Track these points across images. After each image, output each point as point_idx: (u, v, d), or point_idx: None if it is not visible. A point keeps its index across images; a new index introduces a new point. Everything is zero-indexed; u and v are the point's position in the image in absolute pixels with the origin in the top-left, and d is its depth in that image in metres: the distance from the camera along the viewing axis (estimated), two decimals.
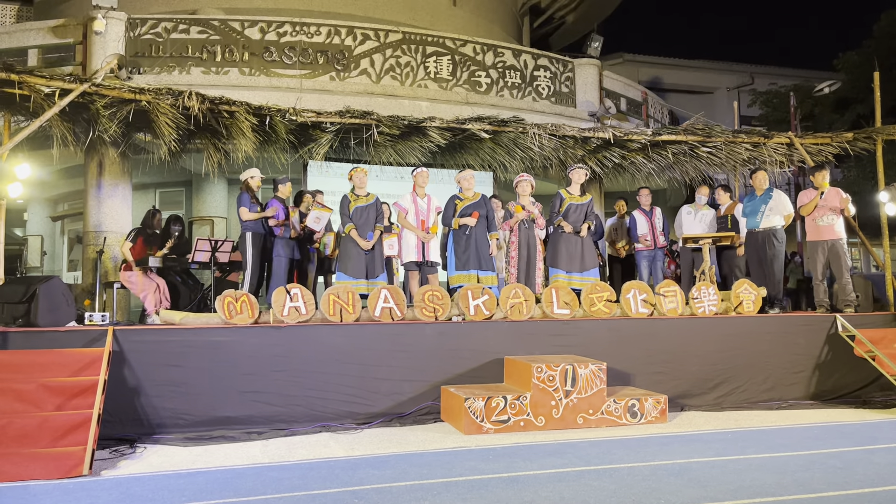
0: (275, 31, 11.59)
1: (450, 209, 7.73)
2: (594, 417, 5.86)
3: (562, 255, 7.94)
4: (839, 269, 7.86)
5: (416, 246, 7.70)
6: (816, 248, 7.96)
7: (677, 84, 26.44)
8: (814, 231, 7.99)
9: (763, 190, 8.21)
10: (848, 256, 7.92)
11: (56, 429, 4.70)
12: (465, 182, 7.78)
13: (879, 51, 16.61)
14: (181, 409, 5.66)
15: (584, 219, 8.03)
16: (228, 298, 6.19)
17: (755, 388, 7.09)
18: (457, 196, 7.77)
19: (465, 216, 7.60)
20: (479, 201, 7.72)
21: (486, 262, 7.58)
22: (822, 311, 7.84)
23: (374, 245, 7.58)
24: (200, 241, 8.05)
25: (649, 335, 6.95)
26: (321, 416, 5.92)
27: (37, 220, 16.04)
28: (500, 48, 13.01)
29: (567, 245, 7.94)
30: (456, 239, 7.64)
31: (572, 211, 8.03)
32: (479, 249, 7.56)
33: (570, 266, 7.91)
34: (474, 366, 6.41)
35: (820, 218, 7.91)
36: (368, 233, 7.50)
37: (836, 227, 7.87)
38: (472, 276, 7.47)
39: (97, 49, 10.96)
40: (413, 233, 7.69)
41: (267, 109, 7.54)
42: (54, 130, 7.22)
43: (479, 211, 7.61)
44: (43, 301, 5.92)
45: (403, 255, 7.80)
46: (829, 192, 7.92)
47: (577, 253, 7.93)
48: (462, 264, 7.55)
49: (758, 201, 8.18)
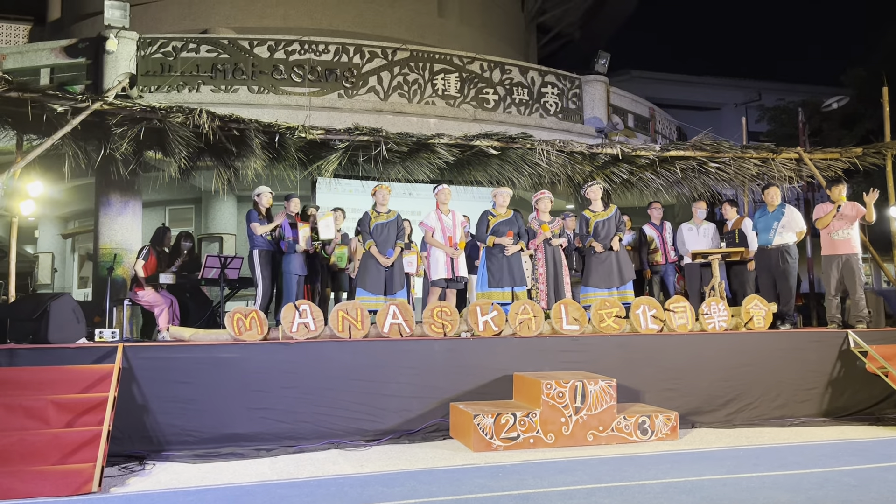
0: (283, 49, 11.70)
1: (483, 224, 7.75)
2: (604, 434, 5.82)
3: (599, 273, 7.89)
4: (853, 285, 7.79)
5: (445, 263, 7.72)
6: (831, 262, 7.89)
7: (685, 100, 26.48)
8: (829, 245, 7.93)
9: (775, 206, 8.15)
10: (862, 272, 7.85)
11: (65, 446, 4.70)
12: (501, 198, 7.82)
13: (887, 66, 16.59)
14: (190, 425, 5.66)
15: (616, 231, 8.01)
16: (238, 315, 6.20)
17: (767, 405, 7.03)
18: (490, 212, 7.80)
19: (498, 232, 7.62)
20: (512, 218, 7.74)
21: (519, 278, 7.60)
22: (833, 326, 7.78)
23: (395, 262, 7.59)
24: (210, 257, 8.08)
25: (659, 351, 6.91)
26: (330, 433, 5.90)
27: (48, 237, 16.15)
28: (507, 65, 13.08)
29: (602, 262, 7.91)
30: (489, 255, 7.67)
31: (601, 228, 8.00)
32: (512, 265, 7.58)
33: (610, 282, 7.86)
34: (483, 382, 6.39)
35: (835, 232, 7.85)
36: (388, 249, 7.51)
37: (851, 241, 7.80)
38: (506, 294, 7.49)
39: (109, 68, 11.08)
40: (441, 250, 7.71)
41: (276, 127, 7.58)
42: (66, 148, 7.28)
43: (512, 229, 7.64)
44: (54, 318, 5.94)
45: (433, 273, 7.81)
46: (846, 205, 7.86)
47: (614, 268, 7.89)
48: (497, 281, 7.56)
49: (770, 217, 8.12)
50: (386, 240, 7.58)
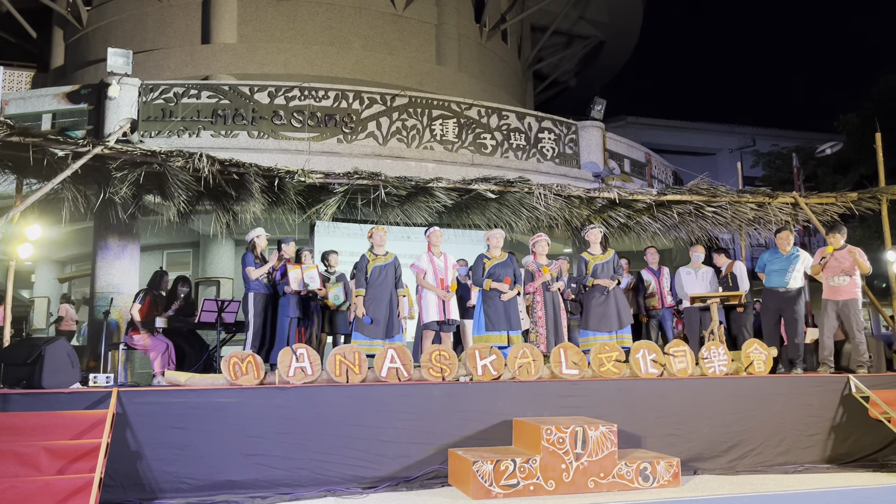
0: (284, 95, 11.85)
1: (479, 268, 7.75)
2: (605, 481, 5.72)
3: (597, 316, 7.88)
4: (851, 329, 7.75)
5: (437, 305, 7.68)
6: (827, 305, 7.88)
7: (680, 146, 26.83)
8: (828, 290, 7.92)
9: (789, 249, 8.11)
10: (861, 316, 7.82)
11: (57, 493, 4.61)
12: (494, 240, 7.83)
13: (879, 113, 16.87)
14: (184, 472, 5.55)
15: (614, 274, 8.02)
16: (234, 359, 6.14)
17: (770, 451, 6.93)
18: (485, 255, 7.81)
19: (494, 275, 7.63)
20: (507, 261, 7.76)
21: (515, 322, 7.59)
22: (825, 369, 7.72)
23: (393, 305, 7.56)
24: (207, 301, 8.04)
25: (660, 396, 6.84)
26: (326, 480, 5.79)
27: (44, 281, 16.11)
28: (504, 111, 13.25)
29: (603, 306, 7.90)
30: (486, 299, 7.65)
31: (600, 271, 8.00)
32: (508, 309, 7.56)
33: (610, 325, 7.84)
34: (482, 427, 6.30)
35: (831, 278, 7.86)
36: (366, 318, 7.46)
37: (849, 286, 7.78)
38: (502, 337, 7.47)
39: (111, 113, 11.20)
40: (433, 292, 7.69)
41: (276, 171, 7.63)
42: (65, 192, 7.31)
43: (507, 272, 7.65)
44: (48, 363, 5.87)
45: (425, 316, 7.77)
46: (840, 253, 7.86)
47: (612, 311, 7.88)
48: (493, 324, 7.54)
49: (784, 260, 8.05)
50: (384, 283, 7.57)
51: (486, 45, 19.26)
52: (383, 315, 7.49)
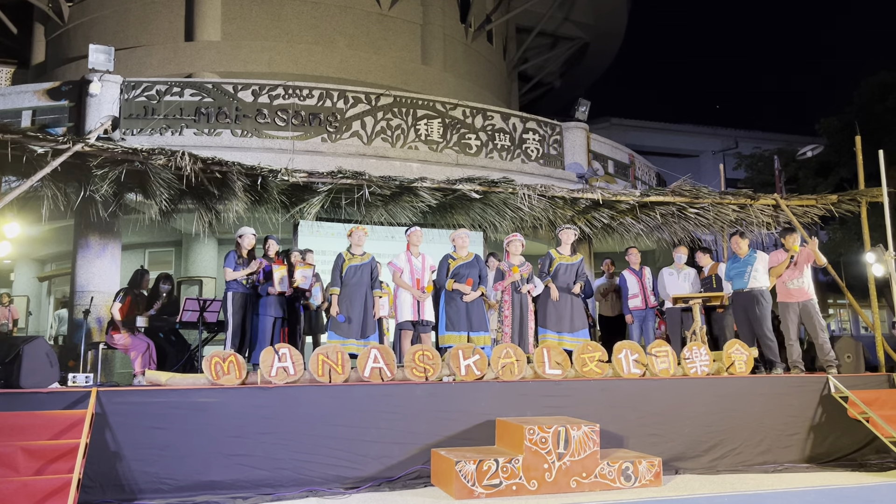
0: (268, 94, 11.77)
1: (443, 268, 7.74)
2: (588, 481, 5.73)
3: (551, 315, 7.95)
4: (814, 329, 7.87)
5: (411, 305, 7.66)
6: (787, 308, 7.96)
7: (663, 148, 26.98)
8: (784, 293, 8.03)
9: (745, 252, 8.19)
10: (820, 316, 7.91)
11: (34, 494, 4.56)
12: (460, 240, 7.80)
13: (860, 116, 17.06)
14: (164, 473, 5.51)
15: (575, 279, 8.05)
16: (216, 359, 6.10)
17: (750, 451, 6.99)
18: (450, 255, 7.79)
19: (459, 275, 7.61)
20: (472, 261, 7.74)
21: (478, 322, 7.55)
22: (796, 371, 7.79)
23: (368, 305, 7.53)
24: (189, 300, 7.97)
25: (642, 396, 6.88)
26: (308, 480, 5.77)
27: (23, 280, 15.91)
28: (489, 112, 13.25)
29: (557, 306, 7.95)
30: (448, 299, 7.63)
31: (562, 271, 8.06)
32: (470, 310, 7.55)
33: (560, 326, 7.91)
34: (465, 427, 6.30)
35: (790, 281, 7.95)
36: (341, 316, 7.45)
37: (805, 288, 7.90)
38: (462, 338, 7.44)
39: (92, 111, 11.07)
40: (408, 292, 7.67)
41: (259, 169, 7.59)
42: (45, 190, 7.22)
43: (472, 272, 7.63)
44: (26, 362, 5.80)
45: (399, 315, 7.74)
46: (801, 253, 7.96)
47: (566, 314, 7.95)
48: (453, 325, 7.52)
49: (742, 262, 8.15)
50: (359, 283, 7.54)
51: (472, 45, 19.28)
52: (357, 314, 7.47)
